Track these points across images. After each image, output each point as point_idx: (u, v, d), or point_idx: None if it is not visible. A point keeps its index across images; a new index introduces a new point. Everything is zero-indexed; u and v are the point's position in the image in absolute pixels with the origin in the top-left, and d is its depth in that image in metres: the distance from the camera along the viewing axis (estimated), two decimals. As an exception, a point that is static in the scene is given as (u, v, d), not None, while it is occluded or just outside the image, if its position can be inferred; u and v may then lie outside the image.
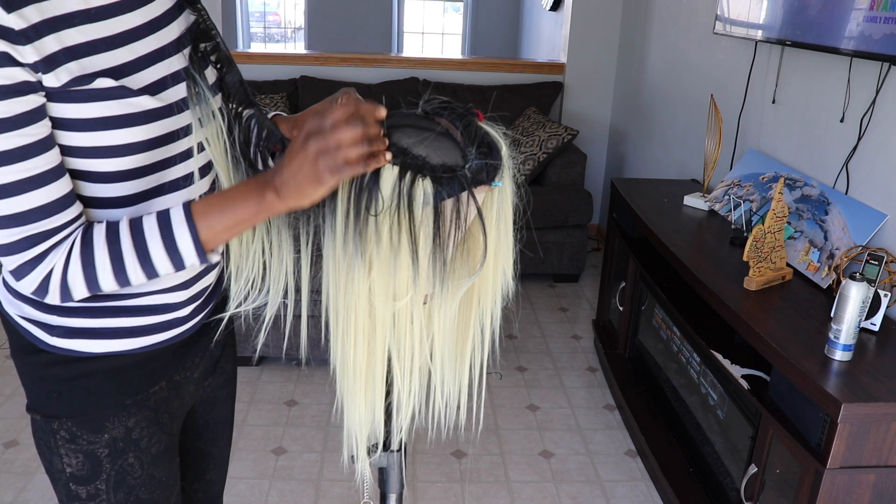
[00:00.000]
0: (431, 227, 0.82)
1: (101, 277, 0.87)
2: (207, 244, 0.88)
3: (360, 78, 4.39)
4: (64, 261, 0.86)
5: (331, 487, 2.29)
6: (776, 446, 1.72)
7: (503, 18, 8.42)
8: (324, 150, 0.79)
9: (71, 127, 0.86)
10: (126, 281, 0.89)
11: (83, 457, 1.01)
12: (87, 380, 1.00)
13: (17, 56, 0.79)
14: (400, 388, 0.91)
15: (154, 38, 0.94)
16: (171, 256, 0.88)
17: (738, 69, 2.85)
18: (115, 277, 0.88)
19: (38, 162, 0.83)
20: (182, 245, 0.87)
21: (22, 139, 0.81)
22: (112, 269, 0.87)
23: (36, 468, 2.30)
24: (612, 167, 4.50)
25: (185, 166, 0.99)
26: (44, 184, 0.84)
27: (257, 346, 2.78)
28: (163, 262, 0.88)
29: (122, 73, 0.88)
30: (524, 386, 2.95)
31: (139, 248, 0.87)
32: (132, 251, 0.87)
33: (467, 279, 0.89)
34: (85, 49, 0.85)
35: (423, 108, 0.88)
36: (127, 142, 0.89)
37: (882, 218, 1.96)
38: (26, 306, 0.98)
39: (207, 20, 1.01)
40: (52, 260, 0.86)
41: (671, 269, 2.36)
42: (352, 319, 0.88)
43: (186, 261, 0.89)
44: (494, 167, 0.83)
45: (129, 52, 0.90)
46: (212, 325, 1.15)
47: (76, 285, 0.87)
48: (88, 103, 0.85)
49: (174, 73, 0.95)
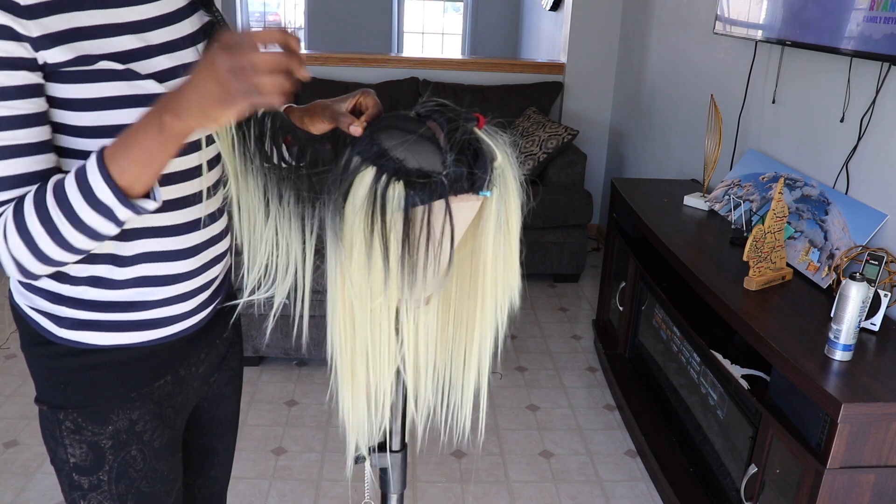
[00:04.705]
0: (401, 231, 0.79)
1: (40, 244, 0.82)
2: (130, 189, 0.81)
3: (360, 78, 4.39)
4: (2, 232, 0.83)
5: (331, 487, 2.29)
6: (776, 446, 1.72)
7: (503, 18, 8.42)
8: (236, 68, 0.71)
9: (76, 107, 0.87)
10: (68, 245, 0.83)
11: (87, 447, 1.02)
12: (93, 372, 1.01)
13: (18, 29, 0.80)
14: (377, 388, 0.90)
15: (167, 30, 0.95)
16: (97, 210, 0.81)
17: (738, 69, 2.85)
18: (55, 241, 0.82)
19: (16, 134, 0.83)
20: (102, 195, 0.80)
21: (4, 110, 0.82)
22: (46, 232, 0.82)
23: (36, 468, 2.30)
24: (612, 167, 4.50)
25: (193, 157, 1.00)
26: (13, 156, 0.83)
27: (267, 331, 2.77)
28: (94, 220, 0.82)
29: (130, 58, 0.90)
30: (524, 386, 2.95)
31: (63, 206, 0.81)
32: (57, 209, 0.81)
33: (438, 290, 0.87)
34: (92, 31, 0.86)
35: (416, 109, 0.86)
36: (129, 122, 0.88)
37: (882, 218, 1.96)
38: (36, 297, 0.99)
39: (222, 21, 1.03)
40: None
41: (671, 269, 2.36)
42: (338, 313, 0.88)
43: (116, 212, 0.82)
44: (476, 176, 0.80)
45: (139, 39, 0.91)
46: (219, 321, 1.16)
47: (23, 256, 0.84)
48: (93, 83, 0.86)
49: (186, 64, 0.97)
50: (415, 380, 0.93)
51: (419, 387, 0.94)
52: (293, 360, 3.03)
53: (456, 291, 0.93)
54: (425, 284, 0.85)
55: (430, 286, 0.86)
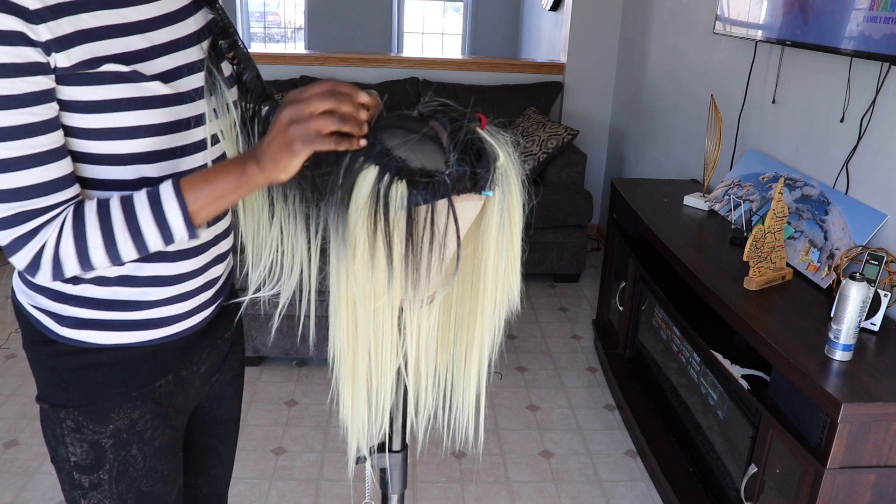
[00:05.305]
0: (404, 230, 0.80)
1: (92, 252, 0.88)
2: (195, 217, 0.89)
3: (360, 78, 4.39)
4: (56, 236, 0.87)
5: (331, 487, 2.29)
6: (776, 446, 1.72)
7: (503, 18, 8.42)
8: (296, 118, 0.80)
9: (81, 109, 0.88)
10: (117, 256, 0.89)
11: (87, 446, 1.03)
12: (94, 371, 1.01)
13: (31, 35, 0.81)
14: (378, 388, 0.91)
15: (171, 29, 0.96)
16: (161, 230, 0.88)
17: (738, 69, 2.85)
18: (107, 252, 0.89)
19: (41, 141, 0.85)
20: (171, 218, 0.88)
21: (27, 117, 0.83)
22: (103, 244, 0.88)
23: (36, 468, 2.31)
24: (612, 167, 4.50)
25: (199, 157, 1.01)
26: (43, 163, 0.85)
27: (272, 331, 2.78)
28: (153, 236, 0.89)
29: (135, 59, 0.90)
30: (524, 386, 2.95)
31: (130, 222, 0.88)
32: (123, 225, 0.88)
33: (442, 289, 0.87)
34: (99, 33, 0.87)
35: (419, 109, 0.86)
36: (135, 124, 0.91)
37: (882, 218, 1.96)
38: (39, 296, 1.00)
39: (225, 19, 1.04)
40: (45, 235, 0.87)
41: (671, 269, 2.36)
42: (341, 313, 0.88)
43: (176, 234, 0.89)
44: (479, 176, 0.81)
45: (145, 39, 0.92)
46: (221, 320, 1.16)
47: (68, 261, 0.88)
48: (99, 86, 0.87)
49: (190, 63, 0.97)
50: (416, 381, 0.93)
51: (420, 389, 0.94)
52: (293, 360, 3.03)
53: (457, 291, 0.93)
54: (429, 284, 0.85)
55: (433, 285, 0.86)
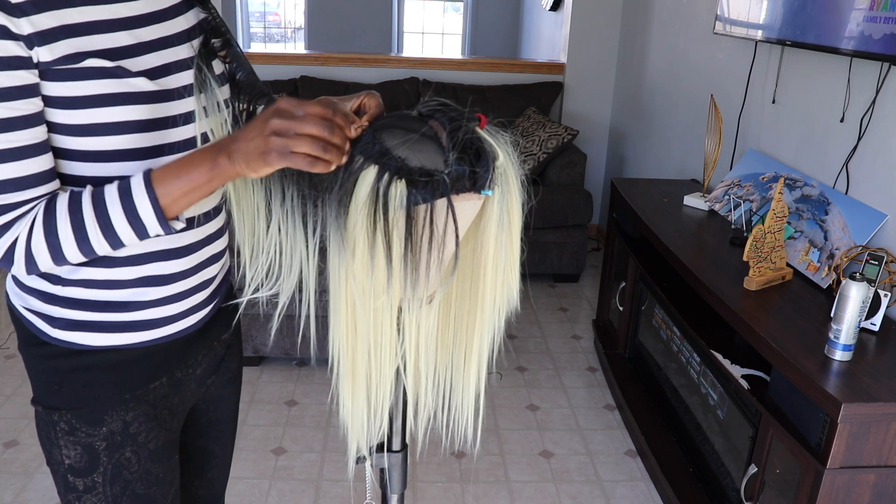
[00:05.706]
0: (404, 230, 0.80)
1: (64, 247, 0.88)
2: (167, 210, 0.88)
3: (360, 78, 4.39)
4: (28, 230, 0.87)
5: (331, 487, 2.29)
6: (776, 446, 1.72)
7: (503, 18, 8.42)
8: (281, 130, 0.80)
9: (65, 105, 0.87)
10: (90, 250, 0.89)
11: (81, 449, 1.02)
12: (87, 373, 1.01)
13: (13, 28, 0.81)
14: (377, 388, 0.91)
15: (159, 27, 0.95)
16: (132, 224, 0.88)
17: (738, 69, 2.85)
18: (79, 246, 0.88)
19: (21, 135, 0.84)
20: (143, 212, 0.87)
21: (7, 111, 0.83)
22: (75, 239, 0.87)
23: (36, 468, 2.30)
24: (612, 167, 4.50)
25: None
26: (22, 157, 0.85)
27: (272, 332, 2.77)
28: (125, 231, 0.88)
29: (121, 55, 0.90)
30: (524, 386, 2.95)
31: (101, 218, 0.87)
32: (94, 220, 0.87)
33: (441, 289, 0.87)
34: (83, 28, 0.86)
35: (418, 109, 0.86)
36: (119, 120, 0.90)
37: (882, 218, 1.96)
38: (31, 298, 0.99)
39: (217, 18, 1.03)
40: (17, 229, 0.87)
41: (671, 269, 2.36)
42: (341, 313, 0.88)
43: (149, 228, 0.89)
44: (478, 175, 0.81)
45: (131, 36, 0.91)
46: (218, 322, 1.15)
47: (40, 255, 0.88)
48: (83, 81, 0.87)
49: (179, 61, 0.96)
50: (415, 381, 0.93)
51: (419, 389, 0.93)
52: (293, 360, 3.03)
53: (456, 291, 0.93)
54: (428, 283, 0.85)
55: (432, 285, 0.86)
